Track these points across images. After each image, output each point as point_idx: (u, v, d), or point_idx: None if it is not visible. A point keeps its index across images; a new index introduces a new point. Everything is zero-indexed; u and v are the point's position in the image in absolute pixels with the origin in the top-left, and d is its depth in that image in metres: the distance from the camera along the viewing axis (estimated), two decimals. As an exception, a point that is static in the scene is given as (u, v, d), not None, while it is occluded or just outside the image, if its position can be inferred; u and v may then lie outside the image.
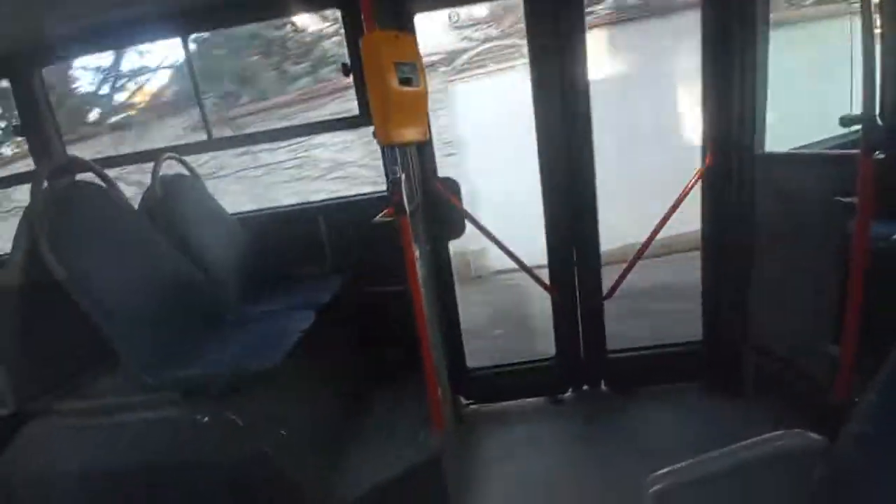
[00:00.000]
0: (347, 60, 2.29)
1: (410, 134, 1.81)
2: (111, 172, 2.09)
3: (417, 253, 1.84)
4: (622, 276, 2.57)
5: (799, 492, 0.85)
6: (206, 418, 1.55)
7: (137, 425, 1.61)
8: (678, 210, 2.47)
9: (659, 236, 2.55)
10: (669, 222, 2.50)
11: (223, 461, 1.57)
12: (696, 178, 2.45)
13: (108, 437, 1.63)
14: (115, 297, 1.63)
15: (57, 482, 1.63)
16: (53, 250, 1.54)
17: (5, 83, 2.53)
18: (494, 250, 2.63)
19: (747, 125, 2.24)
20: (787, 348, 2.18)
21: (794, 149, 2.38)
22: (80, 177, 2.17)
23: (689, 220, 2.54)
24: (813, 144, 2.47)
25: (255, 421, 1.59)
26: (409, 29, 2.28)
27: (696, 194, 2.47)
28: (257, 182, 6.05)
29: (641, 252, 2.58)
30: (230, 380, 1.58)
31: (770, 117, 2.21)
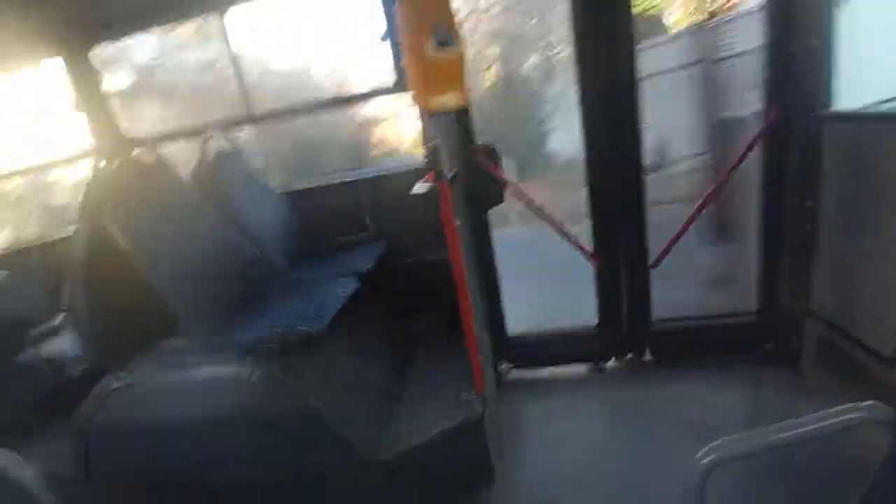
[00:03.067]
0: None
1: (449, 99, 1.77)
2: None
3: (458, 221, 1.83)
4: (671, 243, 2.47)
5: (868, 464, 0.82)
6: (261, 376, 1.64)
7: (198, 382, 1.73)
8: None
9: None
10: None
11: (275, 415, 1.67)
12: (756, 137, 2.28)
13: (172, 393, 1.76)
14: (174, 265, 1.73)
15: (127, 433, 1.79)
16: (116, 222, 1.64)
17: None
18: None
19: (813, 78, 2.05)
20: (853, 320, 2.05)
21: (868, 105, 2.16)
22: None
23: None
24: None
25: (305, 379, 1.67)
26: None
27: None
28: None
29: (693, 218, 2.46)
30: (282, 342, 1.66)
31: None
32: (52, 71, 2.73)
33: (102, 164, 1.77)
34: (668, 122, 5.16)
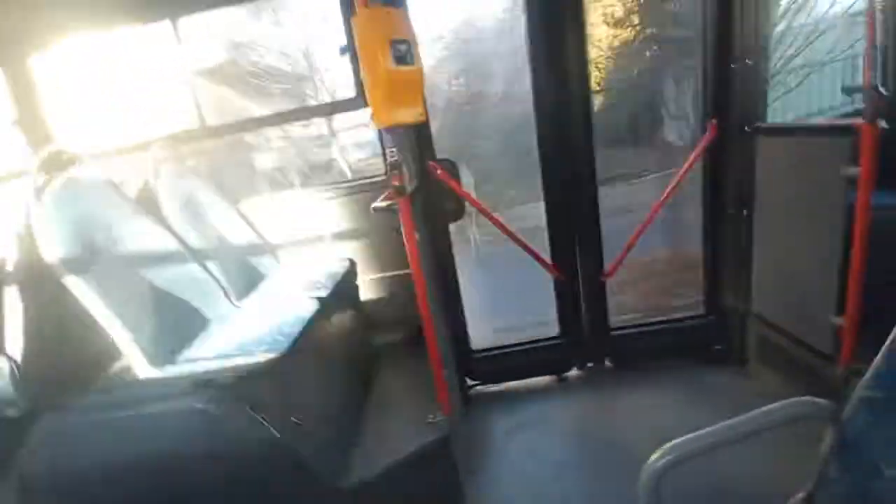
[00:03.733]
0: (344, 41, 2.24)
1: (407, 115, 1.78)
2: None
3: (418, 236, 1.83)
4: (624, 253, 2.57)
5: (808, 458, 0.87)
6: (218, 408, 1.55)
7: (148, 418, 1.62)
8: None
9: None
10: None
11: (235, 449, 1.58)
12: (698, 151, 2.43)
13: (119, 431, 1.63)
14: (117, 289, 1.62)
15: (71, 478, 1.64)
16: (51, 245, 1.53)
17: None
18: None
19: (749, 97, 2.21)
20: (790, 319, 2.19)
21: (797, 118, 2.36)
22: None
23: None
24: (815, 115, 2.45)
25: (265, 408, 1.60)
26: (401, 4, 2.23)
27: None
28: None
29: (642, 229, 2.57)
30: (238, 370, 1.58)
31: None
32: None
33: (39, 182, 1.64)
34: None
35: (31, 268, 1.57)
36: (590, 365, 2.77)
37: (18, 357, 1.58)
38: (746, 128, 2.23)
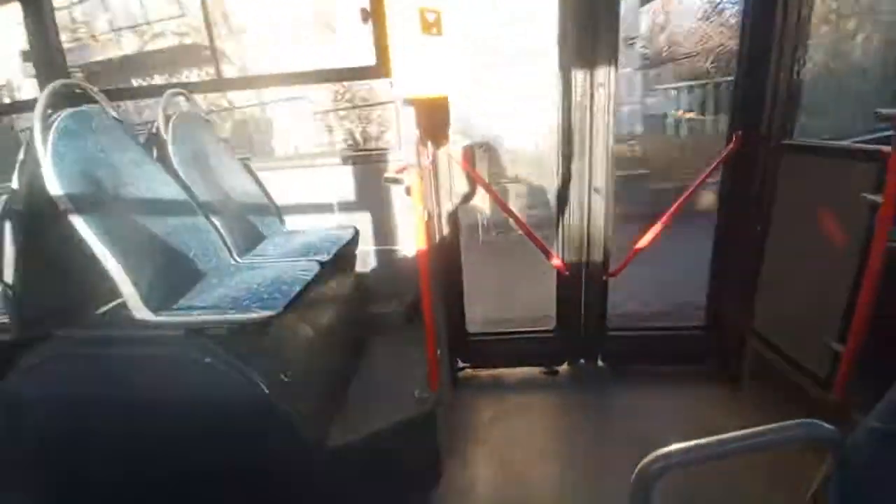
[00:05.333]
0: (367, 4, 2.18)
1: (432, 87, 1.73)
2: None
3: (426, 213, 1.80)
4: (631, 255, 2.54)
5: (806, 482, 0.85)
6: (209, 359, 1.55)
7: (138, 359, 1.62)
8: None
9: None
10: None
11: (222, 401, 1.59)
12: (718, 161, 2.38)
13: (108, 368, 1.64)
14: (119, 230, 1.61)
15: (56, 409, 1.66)
16: (57, 179, 1.51)
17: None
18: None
19: (778, 112, 2.15)
20: (789, 340, 2.17)
21: (824, 139, 2.30)
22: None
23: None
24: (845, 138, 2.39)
25: (256, 364, 1.60)
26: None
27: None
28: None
29: (658, 231, 2.53)
30: (233, 323, 1.57)
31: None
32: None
33: (47, 114, 1.61)
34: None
35: (33, 199, 1.55)
36: (582, 362, 2.77)
37: (15, 284, 1.57)
38: (772, 142, 2.18)
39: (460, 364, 2.79)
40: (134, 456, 1.67)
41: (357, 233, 2.45)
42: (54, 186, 1.49)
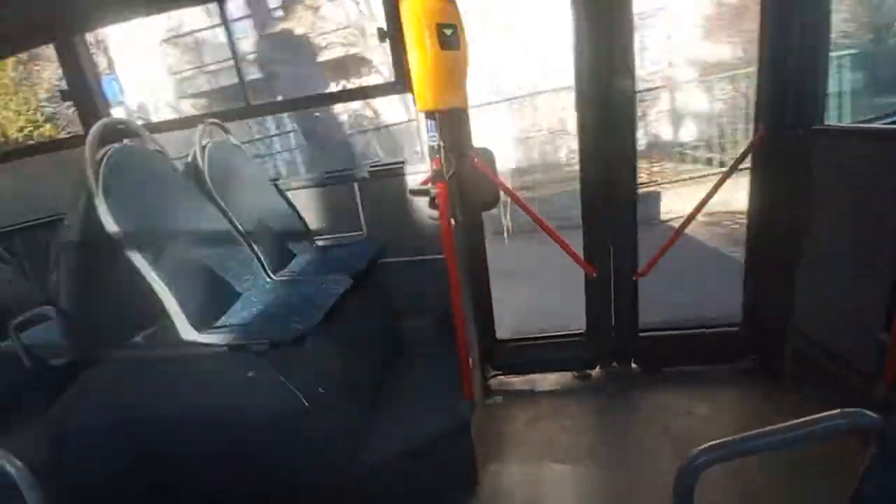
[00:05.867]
0: (384, 24, 2.25)
1: (451, 100, 1.78)
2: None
3: (453, 221, 1.83)
4: (659, 254, 2.51)
5: (850, 472, 0.83)
6: (252, 373, 1.62)
7: (184, 377, 1.70)
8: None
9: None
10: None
11: (264, 414, 1.65)
12: (747, 150, 2.33)
13: (156, 388, 1.73)
14: (164, 255, 1.70)
15: (107, 427, 1.74)
16: (108, 208, 1.61)
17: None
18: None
19: (805, 95, 2.10)
20: (832, 334, 2.10)
21: (859, 122, 2.23)
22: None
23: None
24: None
25: (294, 378, 1.65)
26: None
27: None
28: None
29: (682, 230, 2.50)
30: (271, 337, 1.64)
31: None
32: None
33: (97, 152, 1.73)
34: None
35: (86, 231, 1.66)
36: (614, 365, 2.73)
37: (69, 310, 1.68)
38: (800, 130, 2.13)
39: (492, 371, 2.80)
40: (184, 470, 1.75)
41: (385, 246, 2.51)
42: (106, 219, 1.60)
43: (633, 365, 2.71)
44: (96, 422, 1.75)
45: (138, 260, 1.60)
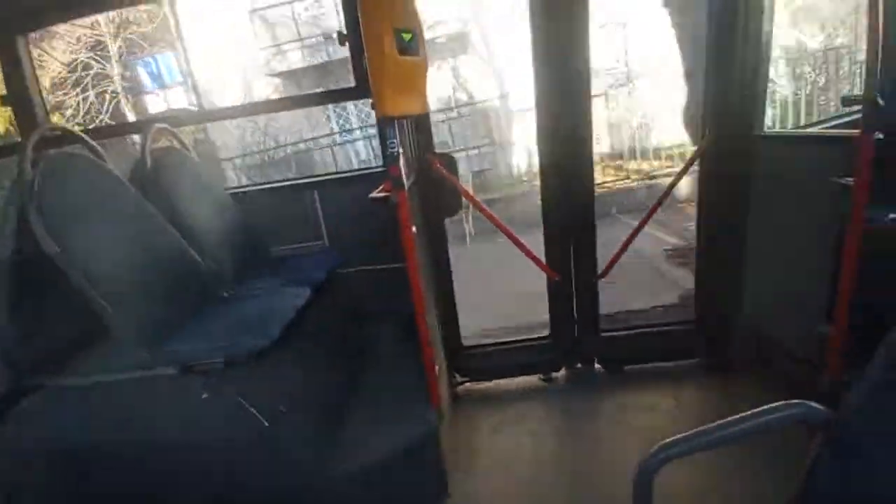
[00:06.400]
0: (343, 28, 2.22)
1: (410, 106, 1.76)
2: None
3: (414, 229, 1.81)
4: (617, 256, 2.58)
5: (798, 462, 0.87)
6: (205, 395, 1.54)
7: (134, 400, 1.60)
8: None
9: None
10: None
11: (219, 436, 1.57)
12: (694, 155, 2.44)
13: (102, 414, 1.62)
14: (107, 271, 1.60)
15: (53, 457, 1.62)
16: (43, 222, 1.50)
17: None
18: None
19: (747, 104, 2.22)
20: (779, 327, 2.21)
21: (793, 128, 2.38)
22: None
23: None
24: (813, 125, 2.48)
25: (253, 396, 1.58)
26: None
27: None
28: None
29: (636, 232, 2.58)
30: (226, 356, 1.56)
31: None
32: None
33: (31, 158, 1.61)
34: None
35: (20, 244, 1.54)
36: (578, 366, 2.78)
37: (6, 332, 1.55)
38: (744, 134, 2.25)
39: (458, 378, 2.79)
40: (135, 498, 1.64)
41: (346, 254, 2.46)
42: (40, 232, 1.48)
43: (597, 365, 2.77)
44: (34, 455, 1.62)
45: (77, 277, 1.49)
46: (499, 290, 4.33)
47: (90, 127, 2.39)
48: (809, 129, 2.25)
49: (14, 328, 1.57)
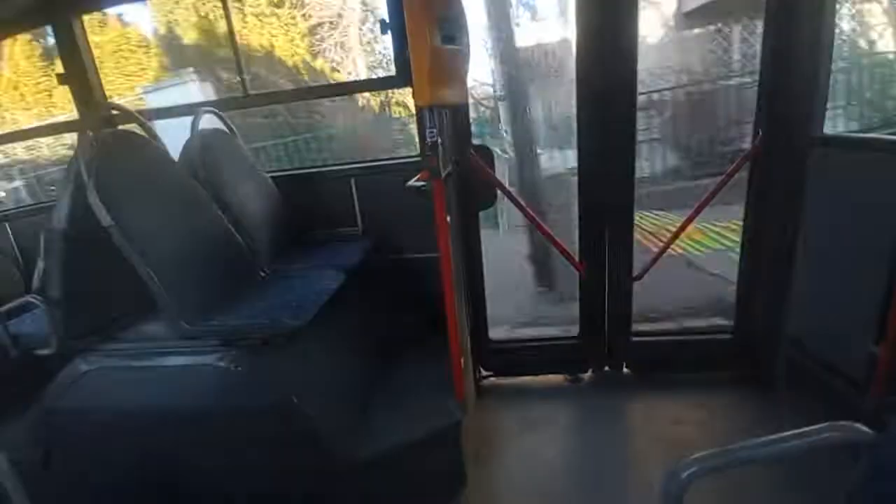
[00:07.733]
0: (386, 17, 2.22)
1: (450, 96, 1.75)
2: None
3: (449, 220, 1.82)
4: (655, 258, 2.50)
5: (841, 485, 0.83)
6: (240, 367, 1.60)
7: (173, 370, 1.68)
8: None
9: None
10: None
11: (252, 409, 1.63)
12: (743, 158, 2.33)
13: (144, 380, 1.71)
14: (157, 245, 1.67)
15: (94, 420, 1.72)
16: (99, 197, 1.58)
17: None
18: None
19: (805, 103, 2.09)
20: (824, 344, 2.09)
21: (855, 131, 2.23)
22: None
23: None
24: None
25: (285, 373, 1.64)
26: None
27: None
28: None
29: (678, 234, 2.50)
30: (263, 333, 1.62)
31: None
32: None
33: (88, 137, 1.70)
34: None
35: (75, 218, 1.63)
36: (606, 368, 2.73)
37: (56, 300, 1.65)
38: (799, 138, 2.12)
39: (483, 372, 2.78)
40: (166, 465, 1.72)
41: (381, 242, 2.49)
42: (97, 206, 1.57)
43: (626, 369, 2.70)
44: (83, 414, 1.72)
45: (129, 250, 1.57)
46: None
47: (146, 108, 2.51)
48: (878, 134, 2.08)
49: (66, 295, 1.67)
